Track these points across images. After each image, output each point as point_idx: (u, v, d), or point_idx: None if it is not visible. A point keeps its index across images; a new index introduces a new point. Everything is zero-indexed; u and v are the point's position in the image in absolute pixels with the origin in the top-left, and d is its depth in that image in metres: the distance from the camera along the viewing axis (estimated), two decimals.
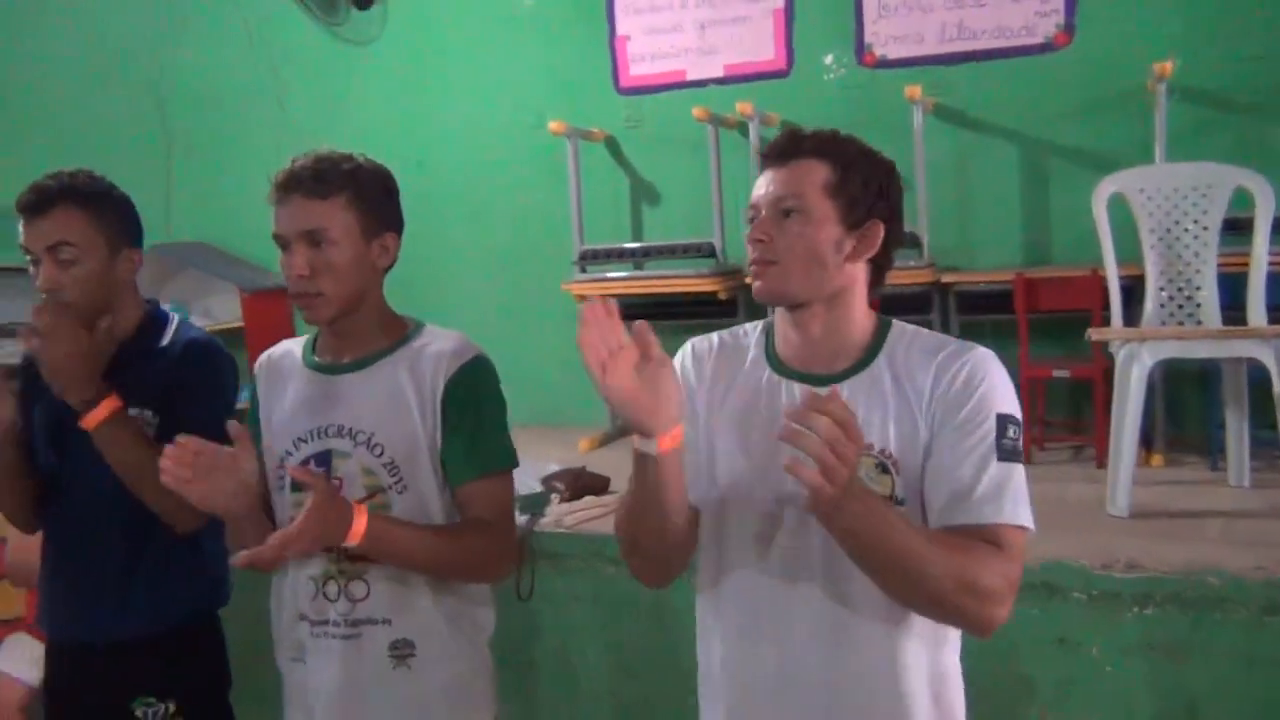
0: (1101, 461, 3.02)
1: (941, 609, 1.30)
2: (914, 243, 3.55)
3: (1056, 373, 3.25)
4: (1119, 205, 2.96)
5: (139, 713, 1.84)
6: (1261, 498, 2.89)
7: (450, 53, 4.49)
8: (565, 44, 4.29)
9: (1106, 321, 2.97)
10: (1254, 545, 2.47)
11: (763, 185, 1.43)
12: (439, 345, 1.67)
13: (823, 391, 1.38)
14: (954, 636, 1.41)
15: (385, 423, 1.63)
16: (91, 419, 1.72)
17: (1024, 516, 1.32)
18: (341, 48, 4.65)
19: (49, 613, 1.97)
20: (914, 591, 1.28)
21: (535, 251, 4.30)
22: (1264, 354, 2.67)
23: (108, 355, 1.81)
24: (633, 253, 3.98)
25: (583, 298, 3.97)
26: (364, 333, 1.68)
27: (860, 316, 1.44)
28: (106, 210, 1.85)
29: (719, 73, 4.07)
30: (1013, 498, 1.31)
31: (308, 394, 1.68)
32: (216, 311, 4.85)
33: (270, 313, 4.54)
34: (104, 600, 1.88)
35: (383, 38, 4.57)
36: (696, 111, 3.73)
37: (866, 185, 1.40)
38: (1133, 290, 3.05)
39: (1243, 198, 2.84)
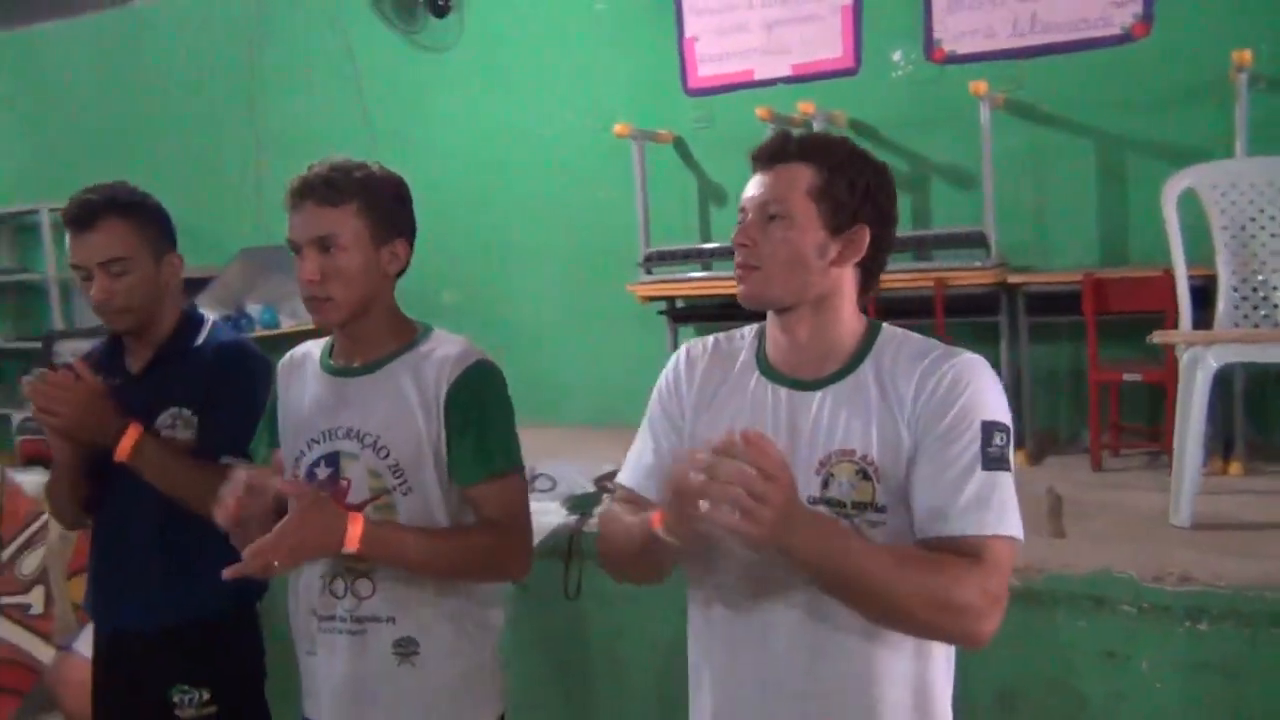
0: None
1: (917, 628, 1.28)
2: (980, 242, 3.47)
3: (1127, 376, 3.14)
4: (1193, 202, 2.84)
5: (175, 699, 1.93)
6: None
7: (523, 57, 4.56)
8: (635, 47, 4.32)
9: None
10: None
11: (751, 189, 1.43)
12: (443, 350, 1.70)
13: (808, 396, 1.38)
14: (940, 649, 1.39)
15: (391, 426, 1.67)
16: (120, 453, 1.81)
17: (1009, 526, 1.29)
18: (420, 54, 4.77)
19: (93, 601, 2.08)
20: (885, 613, 1.26)
21: (603, 253, 4.33)
22: None
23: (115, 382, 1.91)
24: (698, 254, 3.98)
25: (648, 299, 4.00)
26: (374, 337, 1.72)
27: (848, 320, 1.42)
28: (147, 218, 1.95)
29: (787, 72, 4.04)
30: (997, 508, 1.28)
31: (321, 396, 1.73)
32: (301, 312, 5.02)
33: None
34: (142, 590, 1.98)
35: (459, 44, 4.67)
36: (760, 111, 3.71)
37: (853, 189, 1.38)
38: (1207, 291, 2.92)
39: None
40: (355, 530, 1.53)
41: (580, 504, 3.02)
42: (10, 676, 3.85)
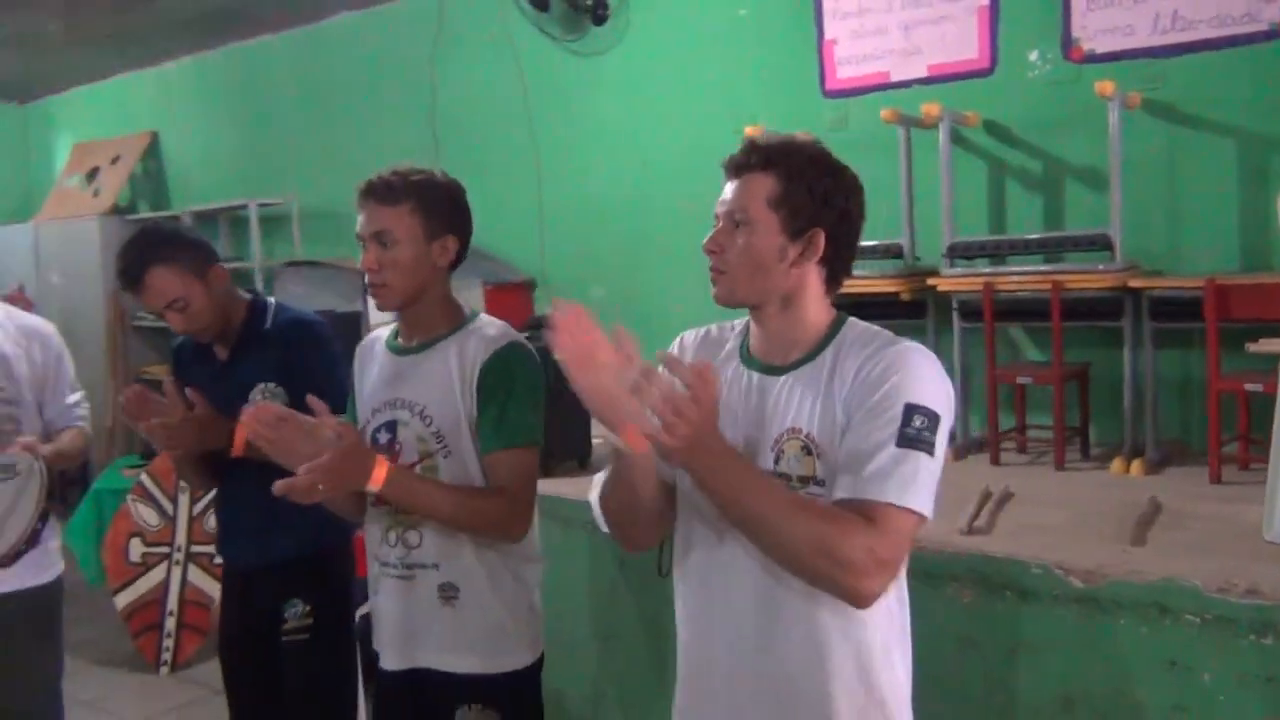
0: None
1: (802, 570, 1.40)
2: (1105, 245, 3.40)
3: (1248, 386, 3.02)
4: None
5: (286, 613, 2.25)
6: None
7: (671, 62, 4.74)
8: (776, 50, 4.42)
9: None
10: None
11: (722, 197, 1.57)
12: (484, 332, 1.93)
13: (774, 380, 1.52)
14: (877, 617, 1.48)
15: (435, 398, 1.91)
16: (235, 451, 2.11)
17: (912, 500, 1.39)
18: (578, 61, 5.04)
19: (221, 542, 2.43)
20: (774, 550, 1.40)
21: None
22: None
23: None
24: None
25: None
26: (427, 321, 1.96)
27: (813, 314, 1.55)
28: (184, 256, 2.27)
29: (923, 73, 4.05)
30: (901, 481, 1.38)
31: (384, 371, 2.00)
32: (473, 302, 5.40)
33: (508, 302, 5.01)
34: (259, 535, 2.31)
35: (614, 51, 4.91)
36: (885, 113, 3.75)
37: (811, 194, 1.51)
38: None
39: None
40: (381, 472, 1.76)
41: None
42: (197, 616, 4.38)
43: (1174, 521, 2.76)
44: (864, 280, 3.87)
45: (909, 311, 3.84)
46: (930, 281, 3.67)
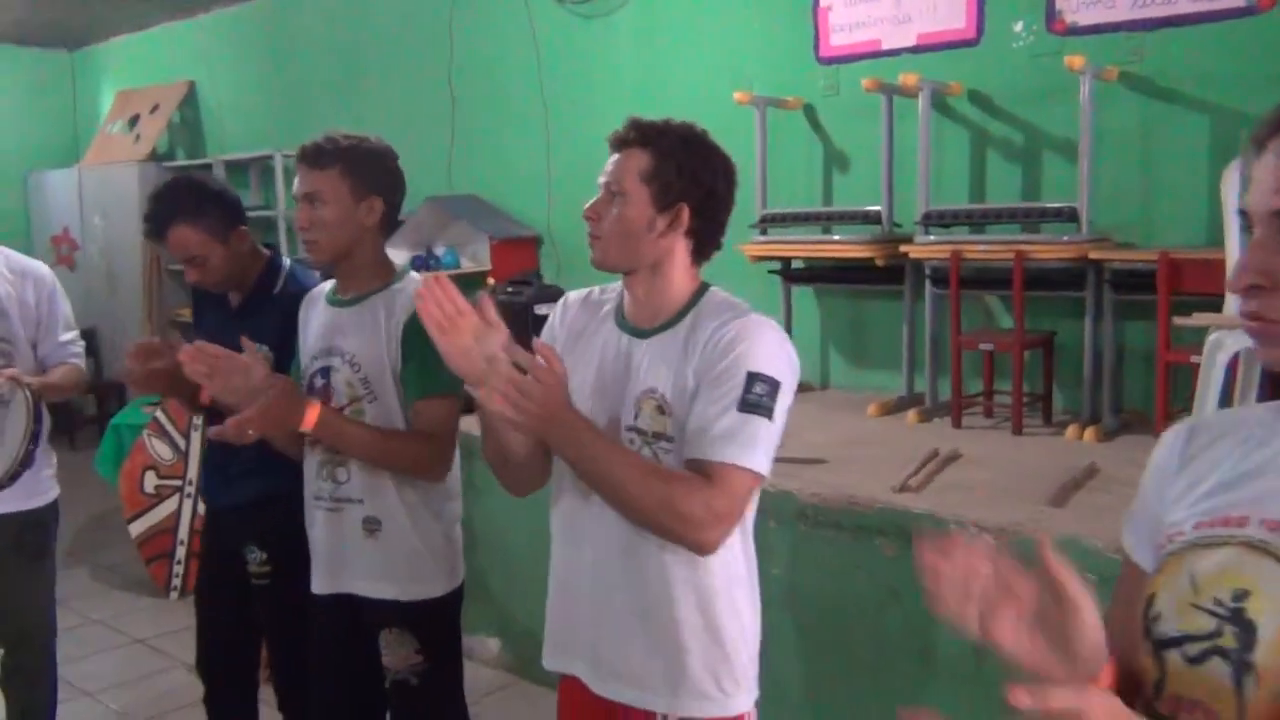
0: None
1: (648, 524, 1.55)
2: (1072, 217, 3.46)
3: (1193, 359, 3.08)
4: None
5: (248, 556, 2.43)
6: None
7: (675, 25, 4.82)
8: (775, 15, 4.48)
9: None
10: None
11: (604, 169, 1.70)
12: (408, 290, 2.08)
13: (640, 343, 1.66)
14: (717, 565, 1.63)
15: (363, 348, 2.08)
16: (202, 399, 2.25)
17: (749, 461, 1.52)
18: (584, 22, 5.14)
19: (204, 486, 2.61)
20: (623, 507, 1.54)
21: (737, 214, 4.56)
22: None
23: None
24: (805, 217, 4.16)
25: (758, 259, 4.22)
26: (360, 276, 2.12)
27: (678, 283, 1.68)
28: (208, 214, 2.37)
29: (912, 42, 4.10)
30: (741, 443, 1.52)
31: (323, 322, 2.16)
32: (480, 256, 5.57)
33: (514, 256, 5.17)
34: (224, 473, 2.49)
35: (620, 12, 5.00)
36: (866, 83, 3.83)
37: (680, 172, 1.63)
38: None
39: None
40: (312, 415, 1.94)
41: None
42: None
43: (1103, 486, 2.86)
44: (842, 245, 3.98)
45: (885, 277, 3.94)
46: (903, 249, 3.75)
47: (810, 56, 4.39)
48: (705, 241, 1.69)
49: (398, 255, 5.09)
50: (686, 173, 1.63)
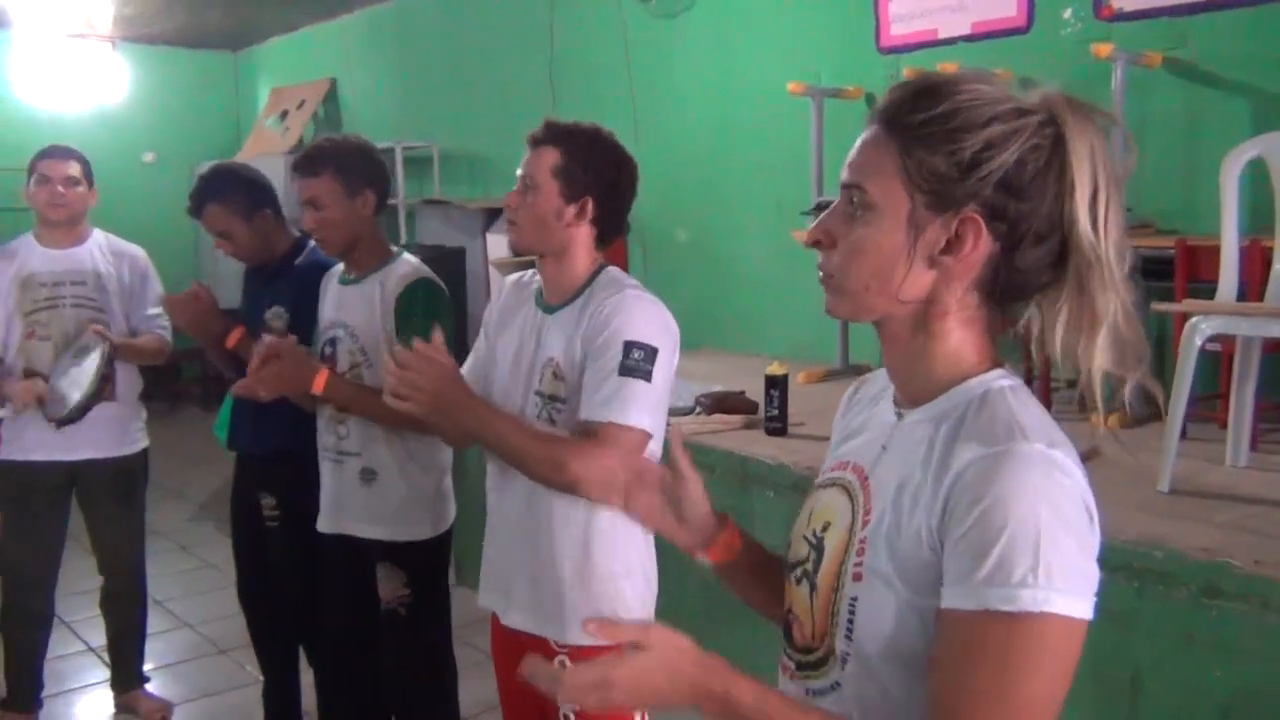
0: None
1: (542, 480, 1.77)
2: None
3: (1208, 345, 3.09)
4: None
5: (262, 500, 2.80)
6: None
7: (745, 20, 5.00)
8: (839, 7, 4.61)
9: None
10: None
11: (522, 162, 1.95)
12: (400, 271, 2.38)
13: (549, 318, 1.90)
14: (604, 514, 1.85)
15: (361, 320, 2.39)
16: (229, 343, 2.67)
17: (631, 418, 1.74)
18: (664, 20, 5.37)
19: (232, 434, 2.98)
20: (523, 469, 1.78)
21: (803, 199, 4.71)
22: None
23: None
24: None
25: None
26: (361, 259, 2.44)
27: (581, 265, 1.91)
28: (232, 198, 2.71)
29: (967, 30, 4.16)
30: (621, 403, 1.74)
31: (333, 298, 2.49)
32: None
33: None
34: (245, 423, 2.84)
35: (693, 11, 5.21)
36: (907, 72, 3.92)
37: (586, 168, 1.86)
38: None
39: None
40: (321, 379, 2.25)
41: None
42: None
43: (1095, 469, 2.91)
44: None
45: None
46: None
47: (871, 47, 4.50)
48: (607, 229, 1.91)
49: (499, 243, 5.47)
50: (592, 169, 1.86)
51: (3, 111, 8.12)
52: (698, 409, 3.64)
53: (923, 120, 0.96)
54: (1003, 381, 1.00)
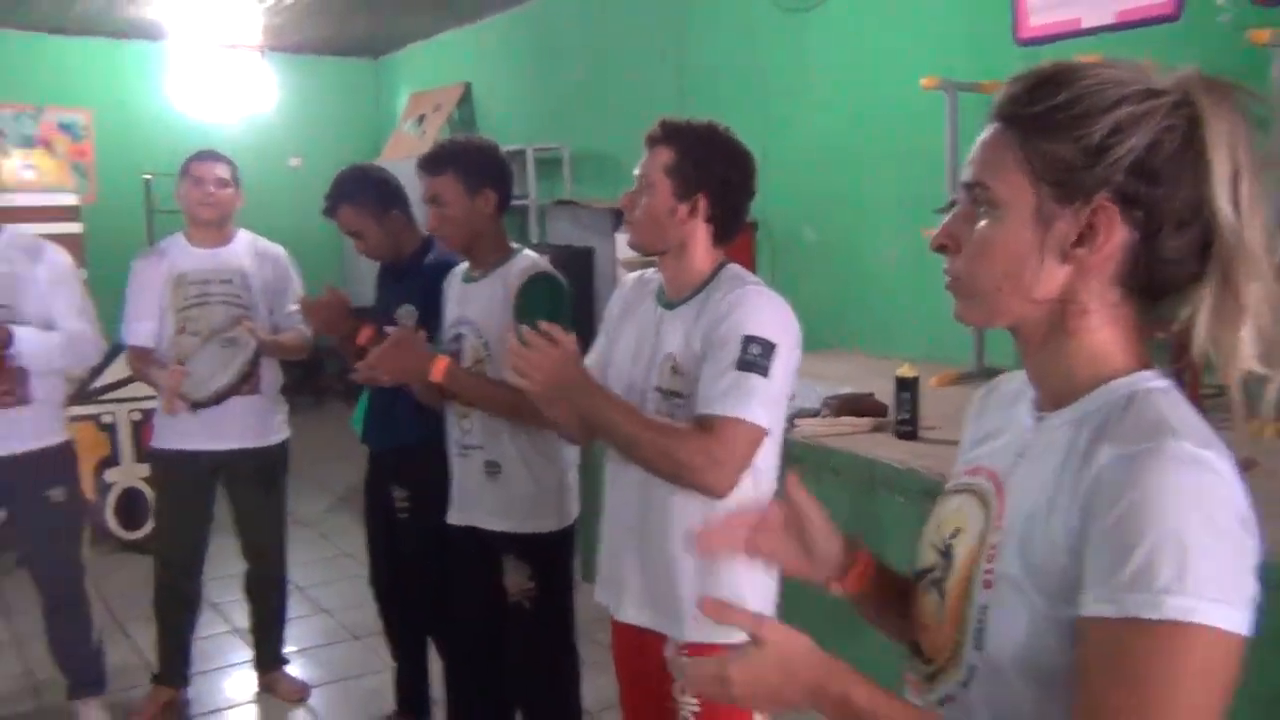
0: None
1: (654, 470, 1.78)
2: None
3: None
4: None
5: (394, 493, 2.89)
6: None
7: (876, 15, 4.91)
8: (970, 1, 4.49)
9: None
10: None
11: (640, 162, 1.95)
12: (521, 265, 2.42)
13: (669, 314, 1.91)
14: (724, 506, 1.83)
15: (484, 316, 2.44)
16: (360, 341, 2.75)
17: (744, 412, 1.73)
18: (797, 16, 5.31)
19: (366, 430, 3.07)
20: (631, 456, 1.79)
21: (933, 199, 4.59)
22: None
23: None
24: None
25: None
26: (483, 257, 2.49)
27: (699, 262, 1.91)
28: (365, 199, 2.83)
29: (1111, 19, 3.99)
30: (737, 397, 1.73)
31: (457, 296, 2.55)
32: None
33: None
34: (377, 419, 2.94)
35: (824, 7, 5.14)
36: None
37: (698, 166, 1.86)
38: None
39: None
40: (440, 367, 2.31)
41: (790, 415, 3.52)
42: None
43: (1252, 481, 2.76)
44: None
45: None
46: None
47: (1008, 38, 4.36)
48: (724, 226, 1.90)
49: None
50: (704, 166, 1.85)
51: (160, 121, 8.58)
52: (824, 410, 3.59)
53: (1044, 110, 0.92)
54: (1152, 383, 0.94)
